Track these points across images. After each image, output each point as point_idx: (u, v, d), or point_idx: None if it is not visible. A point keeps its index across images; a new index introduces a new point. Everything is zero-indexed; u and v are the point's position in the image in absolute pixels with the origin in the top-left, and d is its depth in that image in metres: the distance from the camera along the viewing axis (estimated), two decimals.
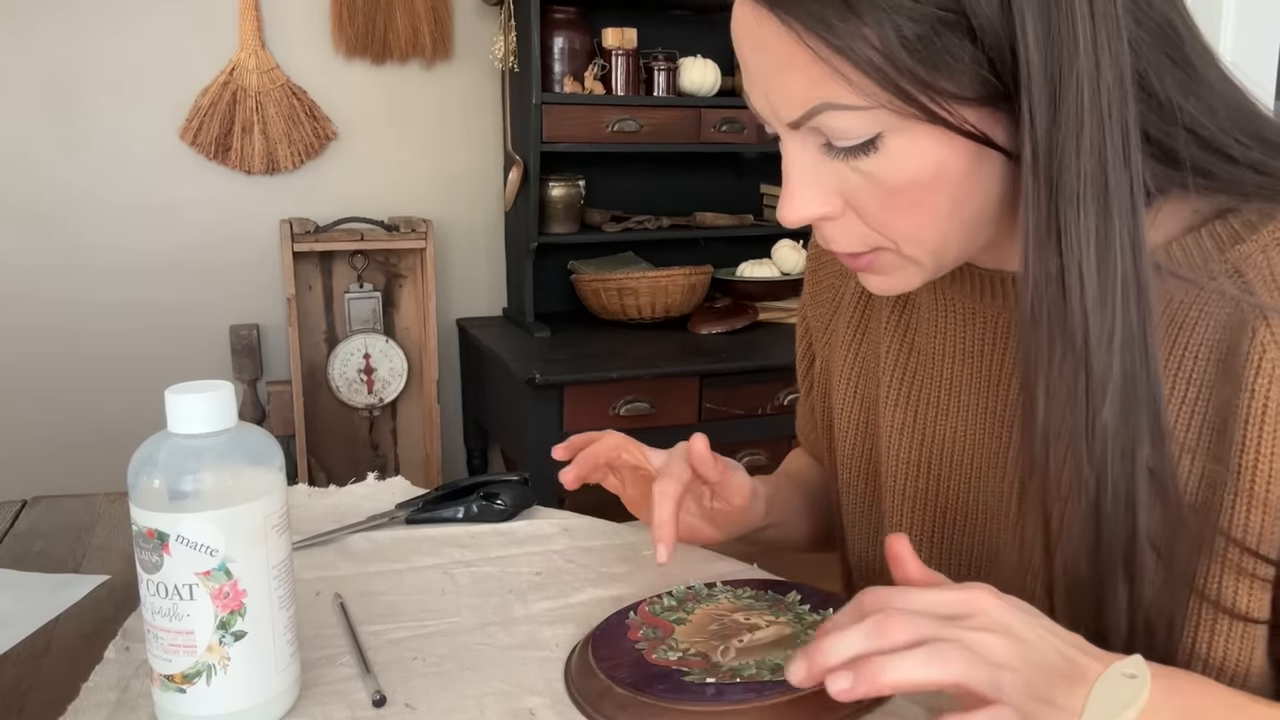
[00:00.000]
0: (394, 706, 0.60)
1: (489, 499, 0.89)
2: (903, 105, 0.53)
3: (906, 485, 0.74)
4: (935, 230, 0.58)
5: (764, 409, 2.24)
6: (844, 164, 0.57)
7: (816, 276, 0.87)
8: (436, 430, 2.44)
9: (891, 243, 0.60)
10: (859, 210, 0.59)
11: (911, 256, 0.60)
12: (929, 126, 0.54)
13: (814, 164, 0.58)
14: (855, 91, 0.53)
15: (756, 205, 2.75)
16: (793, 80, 0.55)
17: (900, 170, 0.55)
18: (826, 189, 0.59)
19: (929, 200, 0.56)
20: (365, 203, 2.45)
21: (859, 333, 0.80)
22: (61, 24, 2.19)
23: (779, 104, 0.57)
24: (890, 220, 0.58)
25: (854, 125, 0.54)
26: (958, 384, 0.71)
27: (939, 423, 0.72)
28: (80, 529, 0.89)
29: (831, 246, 0.62)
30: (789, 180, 0.59)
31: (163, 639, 0.56)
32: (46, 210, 2.25)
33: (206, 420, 0.55)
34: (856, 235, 0.60)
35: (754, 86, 0.58)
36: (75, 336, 2.30)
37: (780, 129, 0.58)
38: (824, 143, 0.57)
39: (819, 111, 0.55)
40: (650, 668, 0.60)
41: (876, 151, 0.55)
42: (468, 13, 2.46)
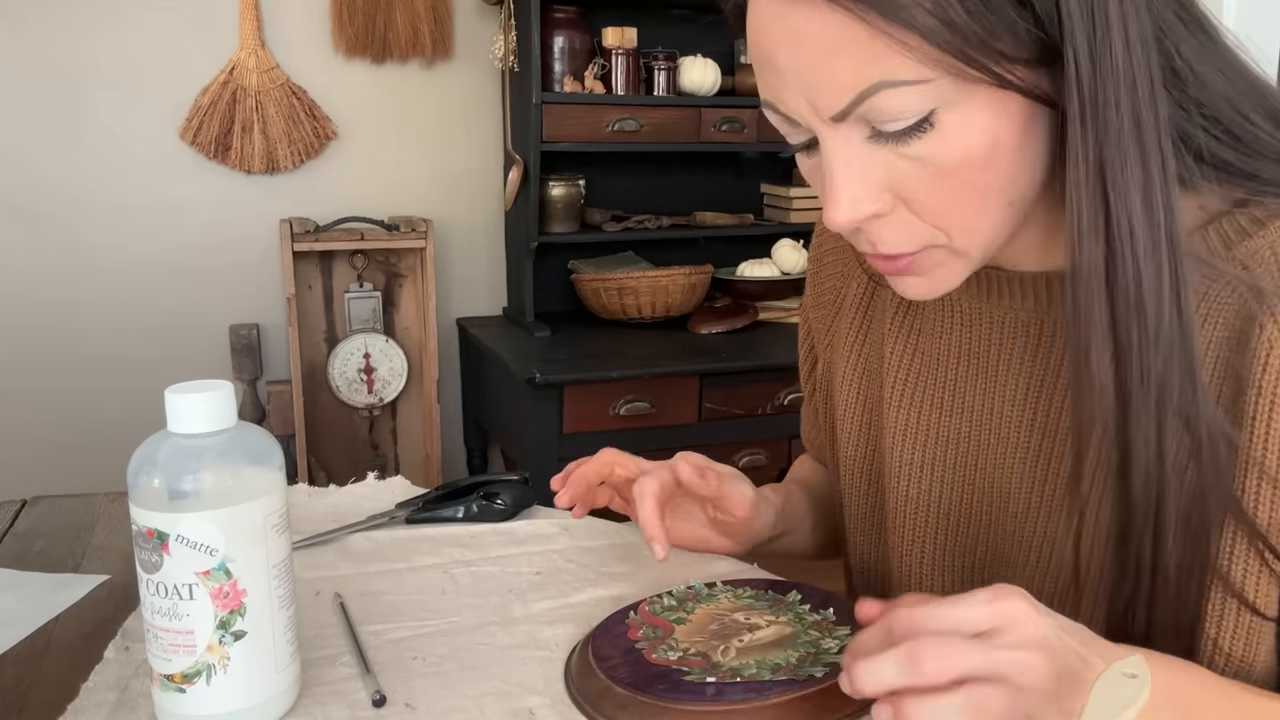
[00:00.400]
0: (394, 706, 0.60)
1: (489, 499, 0.89)
2: (965, 68, 0.51)
3: (909, 487, 0.74)
4: (988, 214, 0.57)
5: (764, 409, 2.24)
6: (892, 152, 0.55)
7: (818, 279, 0.86)
8: (436, 430, 2.44)
9: (944, 234, 0.58)
10: (910, 202, 0.57)
11: (962, 248, 0.59)
12: (983, 96, 0.53)
13: (859, 157, 0.56)
14: (917, 61, 0.51)
15: (756, 205, 2.75)
16: (841, 64, 0.53)
17: (955, 148, 0.54)
18: (875, 184, 0.57)
19: (982, 180, 0.55)
20: (365, 202, 2.45)
21: (861, 334, 0.80)
22: (60, 22, 2.19)
23: (822, 95, 0.54)
24: (944, 207, 0.57)
25: (909, 103, 0.53)
26: (962, 385, 0.71)
27: (943, 424, 0.72)
28: (80, 529, 0.89)
29: (880, 248, 0.60)
30: (834, 180, 0.57)
31: (162, 639, 0.56)
32: (46, 209, 2.25)
33: (206, 420, 0.55)
34: (908, 232, 0.58)
35: (788, 86, 0.56)
36: (75, 336, 2.30)
37: (820, 126, 0.56)
38: (869, 133, 0.55)
39: (872, 93, 0.53)
40: (650, 667, 0.60)
41: (931, 129, 0.54)
42: (468, 12, 2.46)
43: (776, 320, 2.51)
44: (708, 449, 0.81)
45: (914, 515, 0.74)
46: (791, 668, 0.59)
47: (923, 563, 0.74)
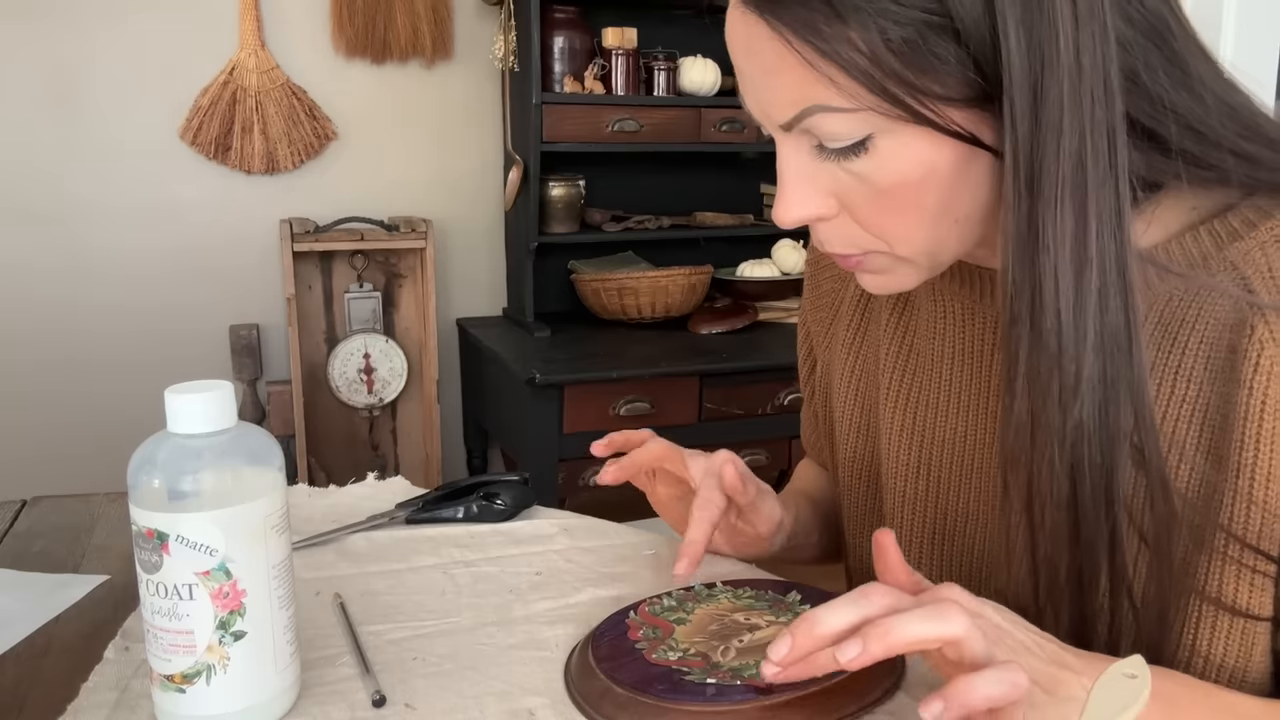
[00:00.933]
0: (394, 706, 0.60)
1: (489, 499, 0.89)
2: (890, 108, 0.53)
3: (906, 487, 0.74)
4: (927, 230, 0.58)
5: (764, 409, 2.24)
6: (836, 165, 0.57)
7: (816, 281, 0.87)
8: (436, 430, 2.44)
9: (885, 243, 0.60)
10: (851, 211, 0.59)
11: (905, 256, 0.60)
12: (917, 128, 0.54)
13: (807, 165, 0.58)
14: (843, 95, 0.53)
15: (756, 205, 2.75)
16: (782, 83, 0.55)
17: (890, 171, 0.56)
18: (820, 190, 0.59)
19: (920, 200, 0.57)
20: (365, 202, 2.45)
21: (859, 335, 0.80)
22: (61, 23, 2.19)
23: (770, 107, 0.57)
24: (882, 221, 0.59)
25: (843, 127, 0.55)
26: (956, 385, 0.71)
27: (938, 424, 0.72)
28: (80, 529, 0.89)
29: (825, 248, 0.63)
30: (783, 181, 0.60)
31: (162, 639, 0.56)
32: (46, 209, 2.25)
33: (206, 420, 0.55)
34: (849, 236, 0.61)
35: (747, 89, 0.59)
36: (74, 336, 2.30)
37: (772, 130, 0.59)
38: (816, 144, 0.57)
39: (809, 114, 0.55)
40: (650, 668, 0.60)
41: (866, 153, 0.56)
42: (468, 13, 2.46)
43: (776, 320, 2.51)
44: (708, 449, 0.80)
45: (910, 516, 0.74)
46: None
47: (920, 564, 0.74)
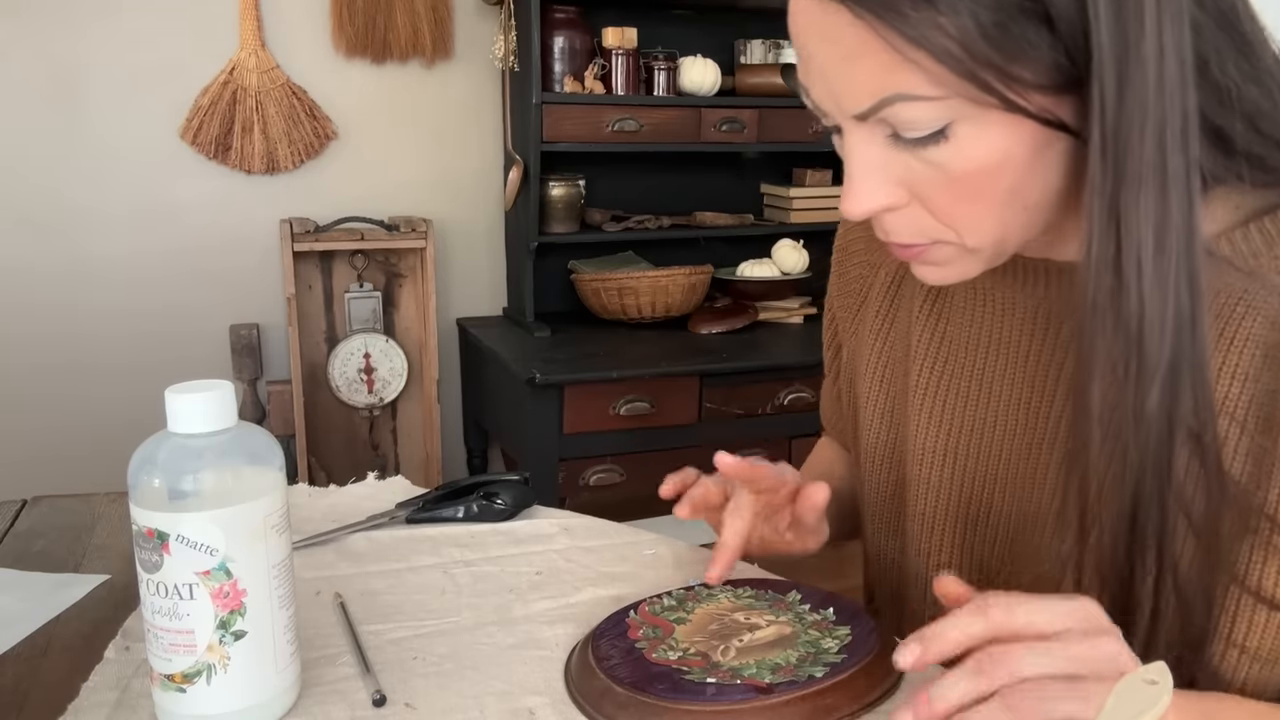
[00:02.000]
0: (394, 706, 0.60)
1: (489, 499, 0.89)
2: (979, 94, 0.52)
3: (931, 474, 0.73)
4: (998, 218, 0.58)
5: (764, 409, 2.24)
6: (910, 154, 0.56)
7: (843, 268, 0.86)
8: (436, 430, 2.44)
9: (954, 233, 0.59)
10: (923, 200, 0.59)
11: (973, 247, 0.60)
12: (999, 114, 0.53)
13: (879, 155, 0.57)
14: (930, 81, 0.52)
15: (756, 205, 2.75)
16: (862, 71, 0.54)
17: (968, 158, 0.55)
18: (891, 180, 0.58)
19: (994, 188, 0.56)
20: (365, 202, 2.45)
21: (887, 322, 0.80)
22: (61, 23, 2.19)
23: (845, 96, 0.56)
24: (955, 210, 0.58)
25: (925, 115, 0.54)
26: (990, 374, 0.71)
27: (967, 413, 0.72)
28: (80, 529, 0.89)
29: (891, 238, 0.62)
30: (852, 173, 0.59)
31: (163, 638, 0.56)
32: (46, 209, 2.25)
33: (206, 420, 0.55)
34: (919, 226, 0.60)
35: (816, 78, 0.57)
36: (74, 336, 2.30)
37: (843, 120, 0.58)
38: (890, 133, 0.56)
39: (889, 103, 0.54)
40: (650, 667, 0.60)
41: (945, 141, 0.55)
42: (468, 12, 2.46)
43: (776, 320, 2.51)
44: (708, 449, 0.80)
45: (934, 503, 0.74)
46: (791, 668, 0.59)
47: (940, 550, 0.73)
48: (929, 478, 0.74)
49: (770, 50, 2.65)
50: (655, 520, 0.86)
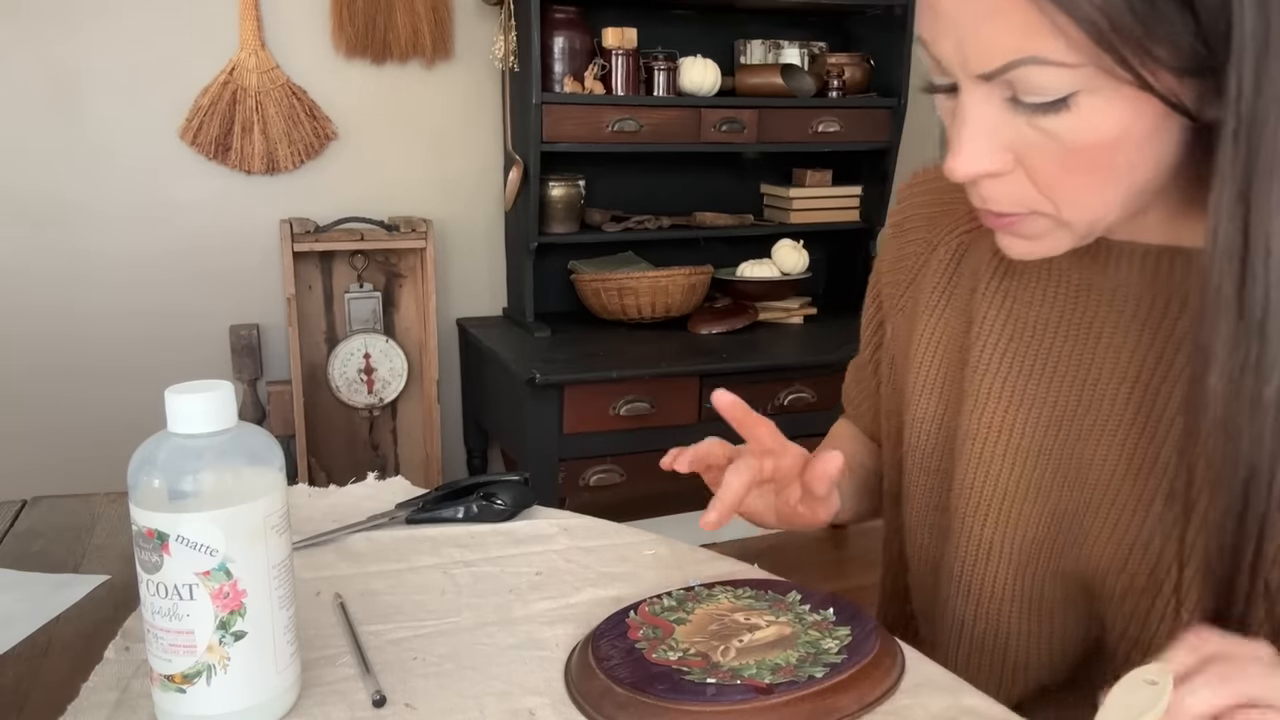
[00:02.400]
0: (394, 706, 0.60)
1: (489, 499, 0.89)
2: (1113, 66, 0.52)
3: (985, 449, 0.72)
4: (1102, 195, 0.59)
5: (764, 409, 2.24)
6: (1026, 120, 0.56)
7: (899, 242, 0.85)
8: (436, 430, 2.44)
9: (1053, 205, 0.60)
10: (1029, 169, 0.59)
11: (1068, 221, 0.60)
12: (1126, 89, 0.54)
13: (993, 117, 0.57)
14: (1068, 47, 0.52)
15: (756, 205, 2.75)
16: (999, 30, 0.54)
17: (1086, 130, 0.55)
18: (1001, 144, 0.58)
19: (1105, 163, 0.57)
20: (365, 203, 2.45)
21: (944, 297, 0.79)
22: (61, 23, 2.19)
23: (975, 53, 0.55)
24: (1060, 182, 0.58)
25: (1053, 81, 0.54)
26: (1056, 355, 0.70)
27: (1028, 390, 0.71)
28: (80, 529, 0.89)
29: (988, 205, 0.62)
30: (963, 133, 0.59)
31: (163, 639, 0.56)
32: (46, 210, 2.25)
33: (206, 420, 0.55)
34: (1019, 195, 0.60)
35: (945, 32, 0.57)
36: (74, 336, 2.30)
37: (964, 78, 0.57)
38: (1010, 96, 0.56)
39: (1020, 65, 0.54)
40: (650, 667, 0.60)
41: (1066, 110, 0.55)
42: (468, 13, 2.46)
43: (776, 320, 2.51)
44: None
45: (984, 479, 0.72)
46: (791, 668, 0.59)
47: (985, 526, 0.72)
48: (980, 451, 0.73)
49: (770, 50, 2.66)
50: (655, 520, 0.86)
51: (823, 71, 2.54)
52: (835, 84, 2.53)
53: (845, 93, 2.55)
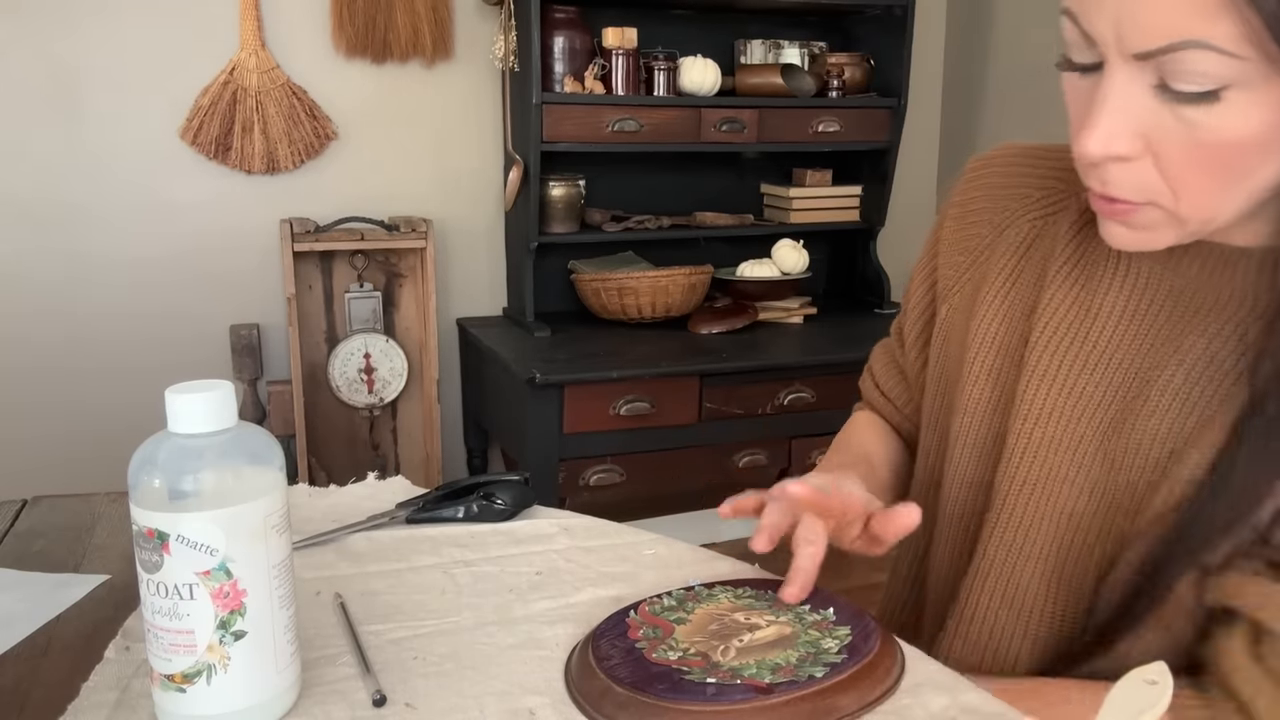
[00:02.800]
0: (394, 706, 0.60)
1: (489, 499, 0.89)
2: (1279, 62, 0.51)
3: (1035, 430, 0.72)
4: (1225, 193, 0.58)
5: (764, 409, 2.24)
6: (1169, 107, 0.55)
7: (963, 223, 0.84)
8: (436, 430, 2.44)
9: (1174, 198, 0.59)
10: (1160, 156, 0.58)
11: (1184, 217, 0.60)
12: (1274, 92, 0.53)
13: (1138, 100, 0.56)
14: (1240, 36, 0.51)
15: (756, 205, 2.75)
16: (1169, 9, 0.52)
17: (1230, 127, 0.54)
18: (1137, 128, 0.57)
19: (1237, 162, 0.56)
20: (365, 202, 2.45)
21: (1010, 281, 0.78)
22: (62, 23, 2.19)
23: (1136, 30, 0.54)
24: (1188, 175, 0.57)
25: (1212, 70, 0.52)
26: (1114, 343, 0.70)
27: (1081, 377, 0.71)
28: (80, 529, 0.89)
29: (1108, 189, 0.61)
30: (1102, 111, 0.57)
31: (163, 639, 0.56)
32: (46, 210, 2.25)
33: (207, 420, 0.55)
34: (1142, 183, 0.59)
35: (1104, 6, 0.55)
36: (75, 336, 2.30)
37: (1115, 56, 0.56)
38: (1157, 81, 0.55)
39: (1184, 48, 0.52)
40: (650, 667, 0.60)
41: (1215, 103, 0.54)
42: (468, 13, 2.46)
43: (776, 320, 2.51)
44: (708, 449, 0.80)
45: (1033, 460, 0.72)
46: (791, 668, 0.59)
47: (1029, 505, 0.72)
48: (1032, 433, 0.73)
49: (770, 50, 2.66)
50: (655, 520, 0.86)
51: (823, 71, 2.54)
52: (835, 84, 2.53)
53: (845, 93, 2.55)
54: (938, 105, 3.00)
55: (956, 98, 2.95)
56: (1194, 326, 0.67)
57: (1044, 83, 2.56)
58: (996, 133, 2.79)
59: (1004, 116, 2.77)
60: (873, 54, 2.63)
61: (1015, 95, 2.72)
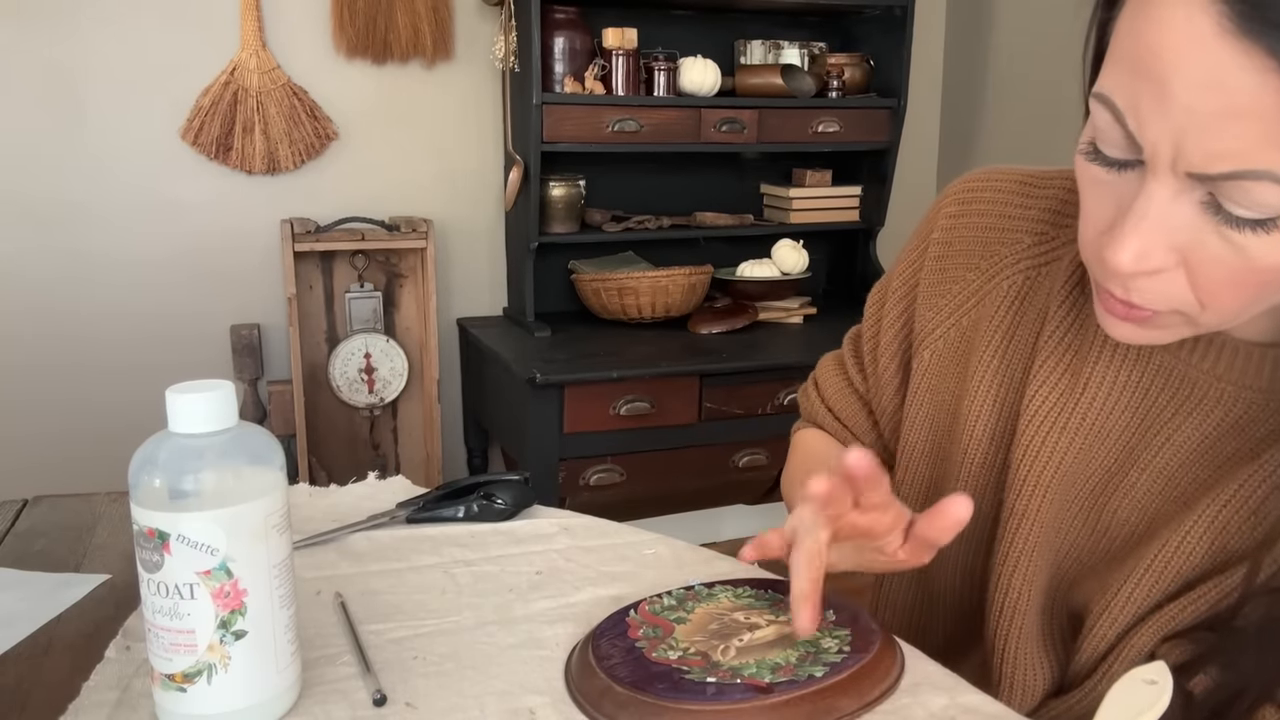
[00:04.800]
0: (394, 705, 0.60)
1: (489, 498, 0.89)
2: None
3: (1029, 504, 0.71)
4: (1251, 307, 0.55)
5: (764, 409, 2.24)
6: (1214, 227, 0.51)
7: (946, 264, 0.79)
8: (437, 430, 2.45)
9: (1199, 307, 0.55)
10: (1194, 272, 0.53)
11: (1202, 322, 0.57)
12: None
13: (1177, 214, 0.52)
14: None
15: (756, 205, 2.75)
16: (1242, 133, 0.47)
17: (1278, 254, 0.51)
18: (1173, 243, 0.53)
19: (1276, 283, 0.53)
20: (366, 203, 2.45)
21: (1007, 339, 0.75)
22: (63, 24, 2.19)
23: (1198, 150, 0.49)
24: (1224, 292, 0.54)
25: (1275, 202, 0.48)
26: (1108, 414, 0.69)
27: (1074, 447, 0.70)
28: (81, 528, 0.89)
29: (1132, 298, 0.56)
30: (1141, 225, 0.52)
31: (163, 638, 0.56)
32: (47, 210, 2.25)
33: (207, 420, 0.55)
34: (1170, 294, 0.55)
35: (1163, 114, 0.49)
36: (75, 336, 2.30)
37: (1164, 169, 0.51)
38: (1206, 198, 0.51)
39: (1251, 177, 0.48)
40: (650, 667, 0.60)
41: (1268, 232, 0.50)
42: (468, 13, 2.46)
43: (776, 320, 2.51)
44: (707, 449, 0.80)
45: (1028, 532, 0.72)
46: (791, 667, 0.59)
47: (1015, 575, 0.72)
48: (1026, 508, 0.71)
49: (770, 51, 2.66)
50: (655, 520, 0.86)
51: (823, 71, 2.54)
52: (835, 84, 2.53)
53: (845, 93, 2.55)
54: (938, 105, 3.00)
55: (956, 98, 2.95)
56: (1191, 412, 0.66)
57: (1044, 84, 2.56)
58: (996, 133, 2.79)
59: (1004, 116, 2.77)
60: (873, 54, 2.63)
61: (1015, 95, 2.72)
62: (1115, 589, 0.67)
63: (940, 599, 0.82)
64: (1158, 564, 0.65)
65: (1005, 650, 0.73)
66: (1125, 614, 0.66)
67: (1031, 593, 0.72)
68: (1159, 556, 0.65)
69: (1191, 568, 0.64)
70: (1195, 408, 0.66)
